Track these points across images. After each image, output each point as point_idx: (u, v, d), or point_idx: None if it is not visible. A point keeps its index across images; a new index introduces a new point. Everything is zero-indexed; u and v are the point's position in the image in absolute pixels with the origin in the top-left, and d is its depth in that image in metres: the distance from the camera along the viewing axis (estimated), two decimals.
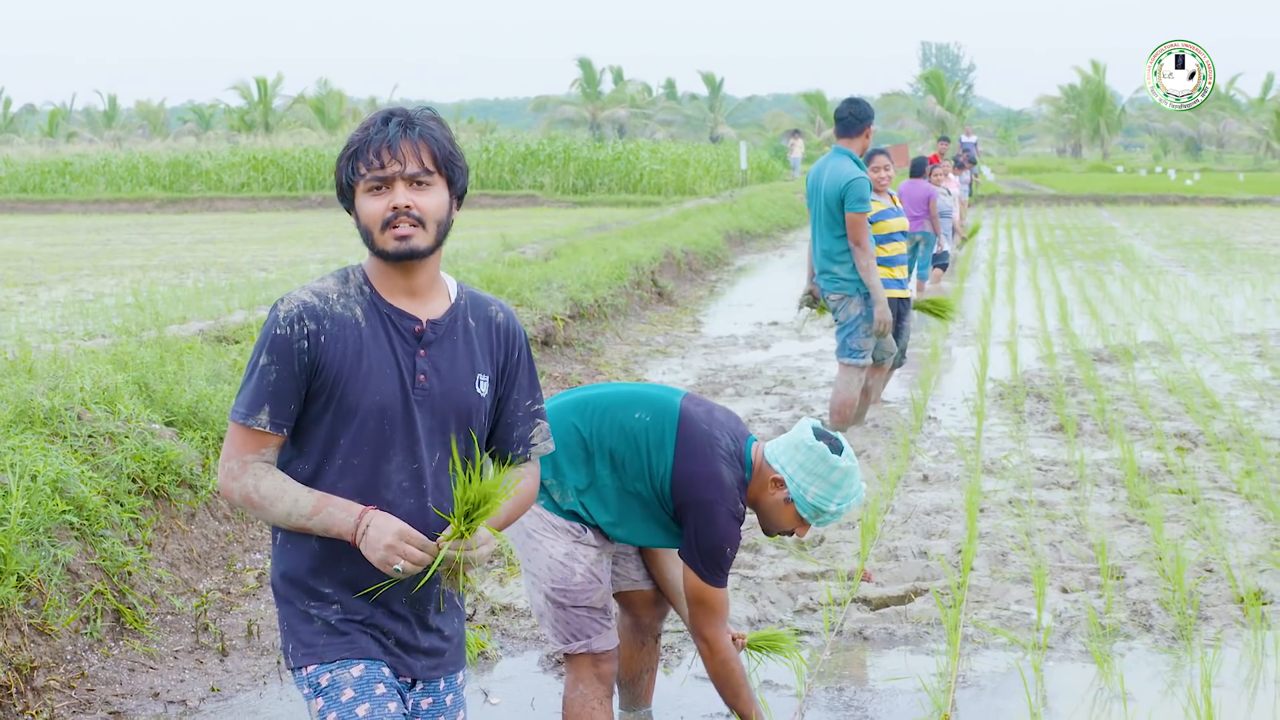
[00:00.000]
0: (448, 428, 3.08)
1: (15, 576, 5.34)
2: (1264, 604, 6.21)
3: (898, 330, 10.60)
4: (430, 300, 3.09)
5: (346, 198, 3.03)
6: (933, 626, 6.04)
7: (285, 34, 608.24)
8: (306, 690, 3.08)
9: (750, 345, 14.37)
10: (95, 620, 5.69)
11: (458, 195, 3.07)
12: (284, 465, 3.08)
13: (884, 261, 10.33)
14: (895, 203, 10.69)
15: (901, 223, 10.58)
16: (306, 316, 2.98)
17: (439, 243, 3.03)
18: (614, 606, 4.65)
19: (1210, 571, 6.70)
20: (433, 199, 2.99)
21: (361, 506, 2.97)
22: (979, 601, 6.35)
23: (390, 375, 3.01)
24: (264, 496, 2.98)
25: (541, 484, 4.35)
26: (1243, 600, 6.24)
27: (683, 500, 4.29)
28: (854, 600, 6.35)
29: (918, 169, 16.94)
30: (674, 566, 4.66)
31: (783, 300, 17.93)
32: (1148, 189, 47.50)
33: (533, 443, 3.25)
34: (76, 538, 5.91)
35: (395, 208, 2.95)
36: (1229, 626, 6.00)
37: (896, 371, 11.20)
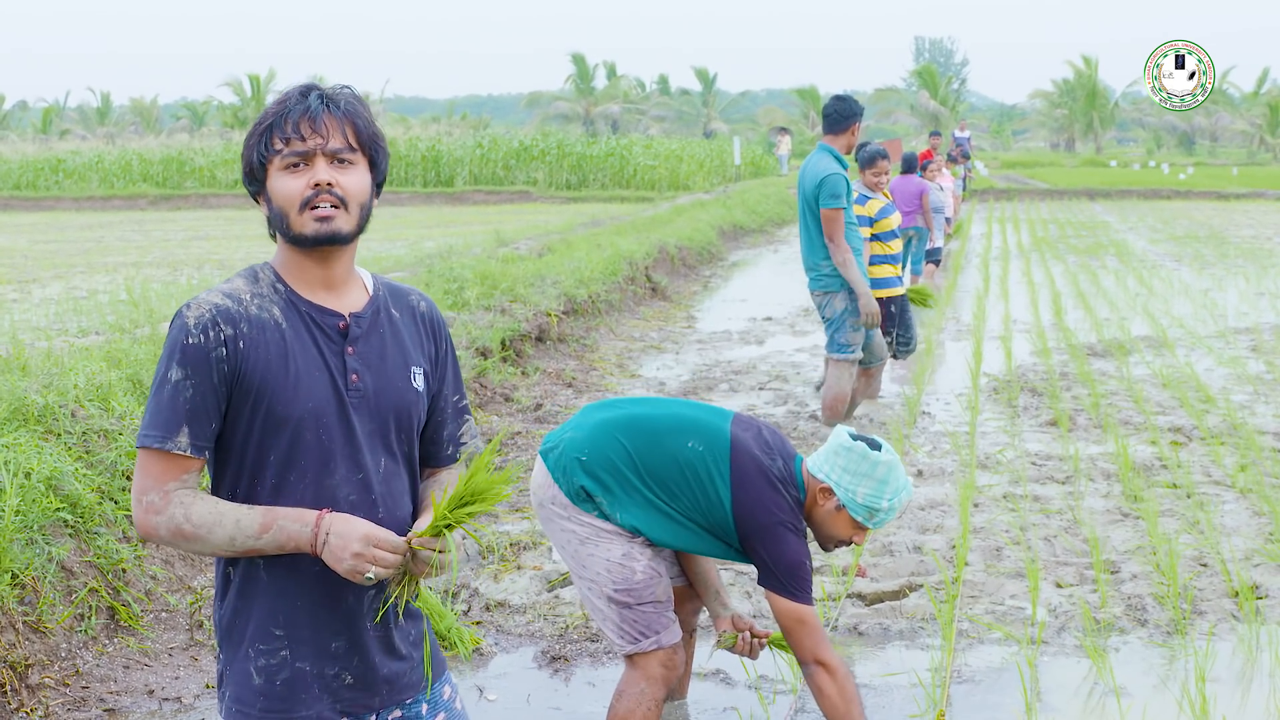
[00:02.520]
0: (388, 430, 2.80)
1: (10, 574, 5.34)
2: (1258, 598, 6.22)
3: (904, 322, 10.60)
4: (348, 293, 2.81)
5: (257, 180, 2.72)
6: (927, 622, 6.05)
7: (278, 30, 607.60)
8: None
9: (744, 340, 14.37)
10: (90, 617, 5.69)
11: (378, 182, 2.79)
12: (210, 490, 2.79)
13: (891, 259, 10.40)
14: (887, 198, 10.73)
15: (898, 217, 10.64)
16: (221, 321, 2.66)
17: (360, 228, 2.75)
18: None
19: (1205, 566, 6.71)
20: (355, 178, 2.71)
21: (316, 512, 2.66)
22: (974, 596, 6.36)
23: (320, 378, 2.72)
24: (198, 525, 2.63)
25: (591, 498, 4.34)
26: (1237, 594, 6.25)
27: (747, 529, 4.27)
28: (849, 596, 6.35)
29: (909, 165, 17.03)
30: (702, 561, 4.65)
31: (777, 295, 17.95)
32: (1141, 183, 47.58)
33: (462, 441, 2.99)
34: (71, 535, 5.90)
35: (317, 184, 2.66)
36: (1223, 620, 6.01)
37: (893, 364, 11.22)
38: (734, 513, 4.27)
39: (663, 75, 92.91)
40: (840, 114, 9.18)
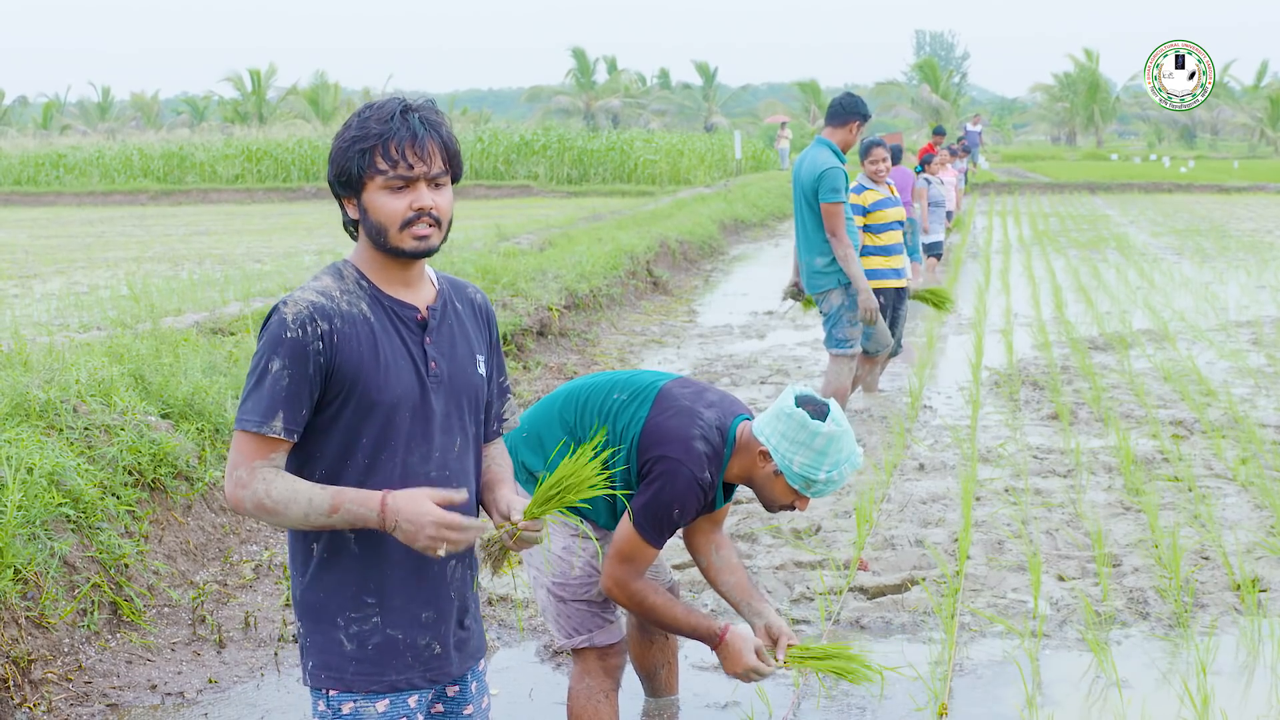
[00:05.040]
0: (462, 412, 3.05)
1: (12, 569, 5.34)
2: (1260, 591, 6.22)
3: (894, 319, 10.62)
4: (421, 288, 3.05)
5: (351, 188, 2.93)
6: (929, 615, 6.05)
7: (279, 25, 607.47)
8: (323, 710, 3.00)
9: (745, 335, 14.37)
10: (92, 613, 5.69)
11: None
12: (296, 471, 2.96)
13: (881, 250, 10.40)
14: (891, 192, 10.72)
15: (899, 212, 10.62)
16: (319, 317, 2.88)
17: (445, 239, 3.02)
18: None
19: (1206, 559, 6.71)
20: (448, 198, 2.96)
21: (378, 496, 2.85)
22: (975, 590, 6.36)
23: (406, 366, 2.95)
24: (277, 500, 2.86)
25: (534, 475, 4.35)
26: (1239, 587, 6.25)
27: (648, 456, 4.17)
28: (850, 589, 6.36)
29: (895, 156, 17.16)
30: (729, 572, 4.52)
31: (778, 289, 17.93)
32: (1142, 176, 47.53)
33: (505, 418, 3.27)
34: (73, 530, 5.91)
35: (419, 209, 2.90)
36: (1225, 614, 6.01)
37: (892, 360, 11.22)
38: (641, 436, 4.18)
39: (663, 69, 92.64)
40: (844, 108, 9.14)
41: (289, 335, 2.87)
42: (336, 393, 2.91)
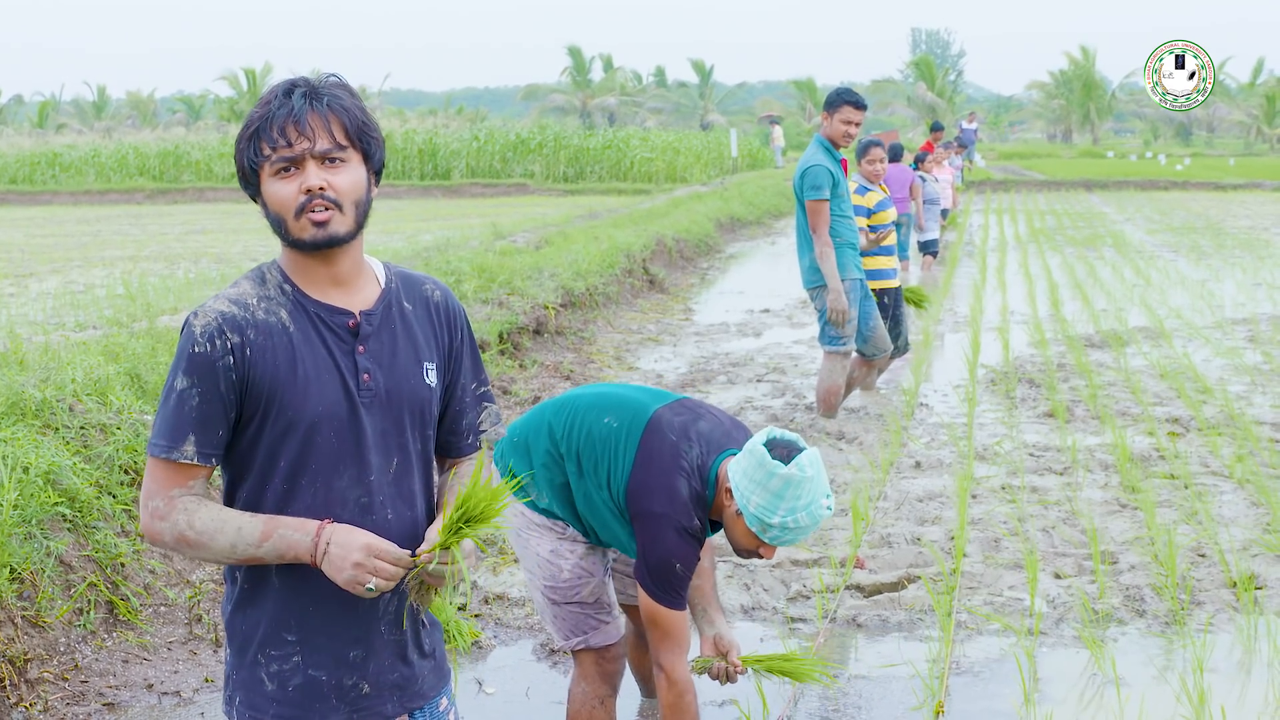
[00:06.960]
0: (402, 428, 2.76)
1: (8, 569, 5.34)
2: (1256, 588, 6.22)
3: (894, 317, 10.63)
4: (359, 289, 2.74)
5: (251, 184, 2.67)
6: (926, 613, 6.05)
7: (274, 24, 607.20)
8: None
9: (742, 333, 14.37)
10: (88, 612, 5.68)
11: (375, 171, 2.72)
12: (225, 496, 2.75)
13: (885, 251, 10.48)
14: (884, 191, 10.82)
15: (894, 212, 10.72)
16: (228, 329, 2.62)
17: (360, 225, 2.68)
18: (614, 600, 4.59)
19: (1203, 556, 6.71)
20: (348, 177, 2.64)
21: (318, 522, 2.62)
22: (972, 588, 6.36)
23: (330, 380, 2.67)
24: (201, 532, 2.61)
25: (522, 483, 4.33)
26: (1235, 585, 6.25)
27: (634, 511, 4.06)
28: (847, 587, 6.36)
29: (895, 154, 17.30)
30: (696, 575, 4.46)
31: (774, 287, 17.94)
32: (1138, 174, 47.50)
33: (482, 429, 2.96)
34: (69, 529, 5.90)
35: (308, 190, 2.60)
36: (1221, 611, 6.01)
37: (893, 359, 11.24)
38: (627, 490, 4.07)
39: (659, 67, 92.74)
40: (830, 96, 9.27)
41: (196, 350, 2.61)
42: (253, 411, 2.65)
